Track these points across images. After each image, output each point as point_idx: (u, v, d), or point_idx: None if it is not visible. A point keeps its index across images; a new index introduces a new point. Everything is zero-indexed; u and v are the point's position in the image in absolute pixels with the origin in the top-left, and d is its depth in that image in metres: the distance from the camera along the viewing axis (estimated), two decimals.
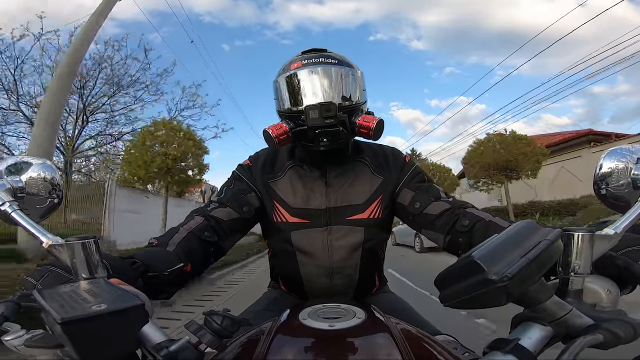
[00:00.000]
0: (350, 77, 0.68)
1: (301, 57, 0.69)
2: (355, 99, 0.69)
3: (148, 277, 0.48)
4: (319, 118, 0.62)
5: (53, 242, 0.38)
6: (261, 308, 0.77)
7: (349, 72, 0.68)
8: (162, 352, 0.28)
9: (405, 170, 0.74)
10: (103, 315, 0.25)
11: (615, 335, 0.29)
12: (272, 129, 0.65)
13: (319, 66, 0.67)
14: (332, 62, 0.68)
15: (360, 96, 0.70)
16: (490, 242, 0.29)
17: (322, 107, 0.62)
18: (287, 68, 0.70)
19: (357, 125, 0.66)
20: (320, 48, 0.73)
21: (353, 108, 0.68)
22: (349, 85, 0.68)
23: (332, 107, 0.62)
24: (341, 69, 0.68)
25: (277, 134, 0.64)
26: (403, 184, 0.73)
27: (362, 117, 0.67)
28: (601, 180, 0.46)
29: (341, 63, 0.69)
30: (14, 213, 0.42)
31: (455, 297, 0.30)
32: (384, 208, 0.72)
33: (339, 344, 0.36)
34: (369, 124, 0.65)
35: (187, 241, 0.60)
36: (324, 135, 0.64)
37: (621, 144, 0.49)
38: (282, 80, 0.69)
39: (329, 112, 0.62)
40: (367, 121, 0.66)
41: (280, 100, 0.71)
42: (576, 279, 0.34)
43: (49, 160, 0.51)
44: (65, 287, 0.29)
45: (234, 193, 0.71)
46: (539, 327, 0.31)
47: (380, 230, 0.73)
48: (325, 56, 0.69)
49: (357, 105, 0.69)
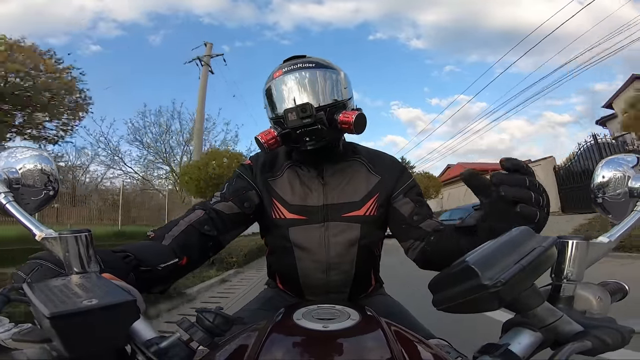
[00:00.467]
0: (328, 77, 0.71)
1: (282, 66, 0.72)
2: (334, 97, 0.71)
3: (141, 272, 0.48)
4: (297, 119, 0.65)
5: (46, 235, 0.37)
6: (256, 307, 0.77)
7: (326, 73, 0.71)
8: (152, 348, 0.28)
9: (404, 177, 0.76)
10: (93, 310, 0.24)
11: (603, 342, 0.29)
12: (261, 136, 0.68)
13: (297, 71, 0.70)
14: (309, 65, 0.70)
15: (342, 94, 0.72)
16: (485, 247, 0.29)
17: (299, 109, 0.65)
18: (270, 77, 0.73)
19: (338, 121, 0.68)
20: (300, 55, 0.75)
21: (333, 105, 0.70)
22: (328, 85, 0.71)
23: (308, 107, 0.64)
24: (318, 71, 0.70)
25: (265, 140, 0.68)
26: (402, 190, 0.74)
27: (343, 113, 0.68)
28: (598, 189, 0.46)
29: (319, 66, 0.71)
30: (8, 204, 0.41)
31: (448, 301, 0.30)
32: (379, 206, 0.73)
33: (332, 344, 0.36)
34: (348, 119, 0.67)
35: (185, 234, 0.61)
36: (306, 135, 0.67)
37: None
38: (267, 89, 0.73)
39: (305, 112, 0.64)
40: (347, 116, 0.67)
41: (268, 108, 0.74)
42: (568, 286, 0.34)
43: (45, 152, 0.51)
44: (56, 280, 0.29)
45: (236, 189, 0.74)
46: (529, 333, 0.31)
47: (376, 228, 0.74)
48: (303, 61, 0.71)
49: (337, 103, 0.71)
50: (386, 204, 0.74)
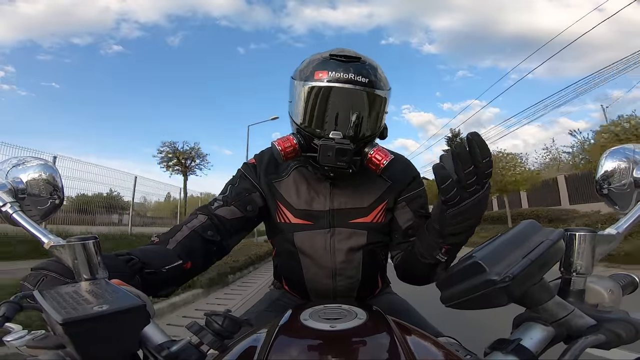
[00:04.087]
0: (378, 103, 0.63)
1: (329, 65, 0.60)
2: (375, 128, 0.65)
3: (145, 274, 0.48)
4: (332, 159, 0.59)
5: (54, 243, 0.38)
6: (263, 308, 0.77)
7: (379, 96, 0.62)
8: (163, 352, 0.28)
9: (413, 185, 0.73)
10: (104, 315, 0.25)
11: (617, 335, 0.29)
12: (279, 143, 0.62)
13: (347, 85, 0.58)
14: (363, 81, 0.59)
15: (382, 121, 0.66)
16: (492, 242, 0.29)
17: (338, 152, 0.58)
18: (310, 74, 0.61)
19: (368, 156, 0.62)
20: (353, 54, 0.61)
21: (371, 137, 0.65)
22: (375, 113, 0.63)
23: (348, 153, 0.58)
24: (372, 94, 0.61)
25: (284, 149, 0.62)
26: (406, 198, 0.72)
27: (376, 152, 0.62)
28: (603, 180, 0.45)
29: (373, 84, 0.60)
30: (15, 214, 0.42)
31: (457, 298, 0.30)
32: (387, 212, 0.71)
33: (341, 344, 0.36)
34: (379, 163, 0.62)
35: (189, 240, 0.60)
36: (332, 172, 0.63)
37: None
38: (302, 87, 0.62)
39: (344, 157, 0.58)
40: (379, 159, 0.62)
41: (296, 108, 0.64)
42: (578, 279, 0.34)
43: (50, 161, 0.51)
44: (67, 287, 0.29)
45: (239, 192, 0.71)
46: (540, 328, 0.31)
47: (384, 234, 0.72)
48: (357, 70, 0.59)
49: (375, 134, 0.66)
50: (392, 209, 0.72)
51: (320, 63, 0.61)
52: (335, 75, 0.59)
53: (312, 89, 0.60)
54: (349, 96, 0.60)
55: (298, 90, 0.63)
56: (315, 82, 0.60)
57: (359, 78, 0.59)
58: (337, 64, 0.60)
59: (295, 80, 0.64)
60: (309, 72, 0.62)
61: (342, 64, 0.60)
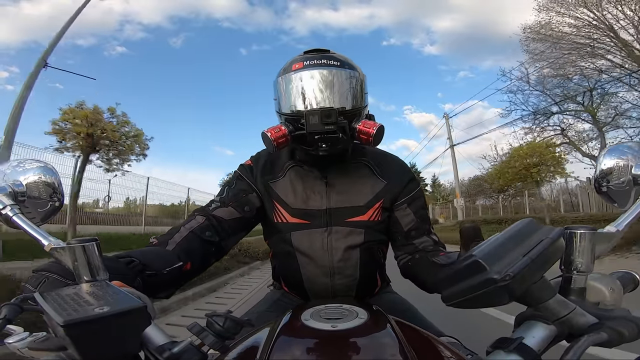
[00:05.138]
0: (352, 80, 0.67)
1: (303, 58, 0.67)
2: (356, 104, 0.67)
3: (146, 276, 0.48)
4: (319, 124, 0.61)
5: (55, 245, 0.37)
6: (263, 309, 0.77)
7: (351, 75, 0.66)
8: (164, 353, 0.28)
9: (411, 186, 0.74)
10: (106, 317, 0.24)
11: (619, 333, 0.29)
12: (270, 132, 0.64)
13: (320, 68, 0.65)
14: (335, 64, 0.65)
15: (362, 100, 0.69)
16: (491, 241, 0.29)
17: (323, 113, 0.61)
18: (288, 68, 0.67)
19: (357, 130, 0.65)
20: (323, 48, 0.70)
21: (354, 113, 0.67)
22: (351, 89, 0.67)
23: (333, 113, 0.61)
24: (343, 72, 0.66)
25: (275, 137, 0.63)
26: (406, 199, 0.73)
27: (363, 123, 0.65)
28: (602, 178, 0.45)
29: (343, 65, 0.66)
30: (15, 217, 0.42)
31: (457, 297, 0.30)
32: (384, 211, 0.72)
33: (342, 344, 0.36)
34: (369, 130, 0.64)
35: (188, 241, 0.61)
36: (323, 141, 0.63)
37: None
38: (283, 80, 0.67)
39: (329, 118, 0.61)
40: (368, 127, 0.64)
41: (280, 101, 0.69)
42: (579, 277, 0.34)
43: (50, 164, 0.51)
44: (68, 289, 0.29)
45: (236, 193, 0.72)
46: (542, 326, 0.31)
47: (381, 233, 0.73)
48: (327, 57, 0.66)
49: (358, 109, 0.68)
50: (390, 209, 0.73)
51: (297, 58, 0.68)
52: (310, 62, 0.66)
53: (290, 78, 0.66)
54: (324, 75, 0.65)
55: (280, 85, 0.68)
56: (293, 72, 0.66)
57: (330, 62, 0.66)
58: (310, 55, 0.68)
59: (277, 79, 0.69)
60: (288, 67, 0.68)
61: (315, 55, 0.67)
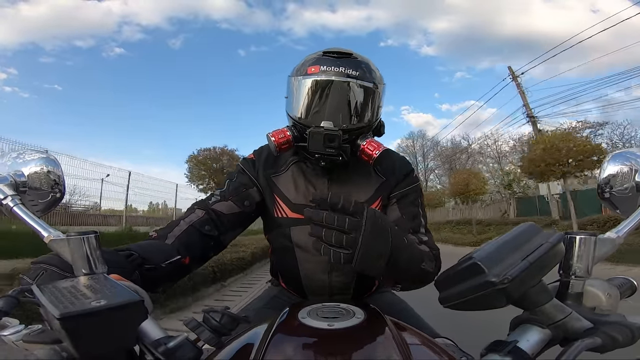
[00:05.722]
0: (368, 95, 0.64)
1: (320, 60, 0.64)
2: (367, 120, 0.66)
3: (145, 270, 0.48)
4: (321, 145, 0.60)
5: (54, 237, 0.38)
6: (261, 305, 0.77)
7: (368, 88, 0.64)
8: (160, 348, 0.28)
9: (405, 182, 0.73)
10: (102, 311, 0.25)
11: (613, 338, 0.29)
12: (275, 137, 0.64)
13: (336, 77, 0.61)
14: (353, 74, 0.62)
15: (374, 115, 0.67)
16: (491, 244, 0.29)
17: (326, 137, 0.59)
18: (303, 69, 0.65)
19: (360, 148, 0.64)
20: (345, 50, 0.65)
21: (362, 130, 0.65)
22: (365, 105, 0.64)
23: (336, 138, 0.59)
24: (360, 85, 0.63)
25: (279, 143, 0.64)
26: (396, 195, 0.72)
27: (368, 142, 0.64)
28: (605, 184, 0.45)
29: (363, 76, 0.63)
30: (15, 207, 0.42)
31: (455, 299, 0.30)
32: (383, 208, 0.72)
33: (338, 343, 0.36)
34: (371, 153, 0.63)
35: (187, 234, 0.61)
36: (323, 160, 0.64)
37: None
38: (296, 82, 0.65)
39: (332, 142, 0.60)
40: (371, 149, 0.63)
41: (290, 102, 0.68)
42: (576, 282, 0.34)
43: (52, 155, 0.51)
44: (65, 282, 0.29)
45: (236, 187, 0.71)
46: (537, 330, 0.31)
47: None
48: (346, 64, 0.62)
49: (368, 125, 0.66)
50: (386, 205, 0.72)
51: (314, 59, 0.65)
52: (327, 68, 0.62)
53: (305, 82, 0.64)
54: (339, 87, 0.62)
55: (293, 85, 0.66)
56: (307, 76, 0.63)
57: (349, 71, 0.62)
58: (329, 59, 0.64)
59: (291, 77, 0.67)
60: (303, 68, 0.65)
61: (334, 59, 0.63)
